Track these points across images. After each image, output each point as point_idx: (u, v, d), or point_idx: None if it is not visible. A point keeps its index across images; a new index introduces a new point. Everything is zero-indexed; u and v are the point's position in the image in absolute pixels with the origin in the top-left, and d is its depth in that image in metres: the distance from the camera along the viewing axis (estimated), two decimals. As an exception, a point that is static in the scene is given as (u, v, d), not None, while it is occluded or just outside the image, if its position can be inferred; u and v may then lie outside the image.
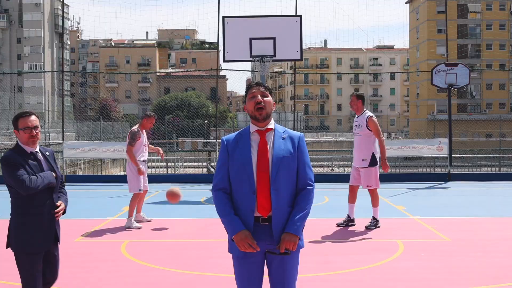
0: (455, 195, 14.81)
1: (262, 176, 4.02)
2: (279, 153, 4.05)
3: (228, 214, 4.04)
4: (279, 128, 4.20)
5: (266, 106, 4.12)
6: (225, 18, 14.97)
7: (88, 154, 18.09)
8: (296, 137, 4.17)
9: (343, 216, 10.33)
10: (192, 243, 8.92)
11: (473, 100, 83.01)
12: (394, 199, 13.61)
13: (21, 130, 4.78)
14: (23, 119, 4.79)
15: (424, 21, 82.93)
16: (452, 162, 18.00)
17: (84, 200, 14.14)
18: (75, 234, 9.56)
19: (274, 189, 4.01)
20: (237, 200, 4.09)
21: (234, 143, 4.15)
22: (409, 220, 10.89)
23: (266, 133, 4.13)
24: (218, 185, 4.15)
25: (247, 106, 4.20)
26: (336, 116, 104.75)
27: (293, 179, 4.09)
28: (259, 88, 4.19)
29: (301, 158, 4.13)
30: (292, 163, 4.08)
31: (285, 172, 4.04)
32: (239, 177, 4.07)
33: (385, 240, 8.99)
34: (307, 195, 4.09)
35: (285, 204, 4.05)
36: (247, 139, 4.13)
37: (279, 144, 4.09)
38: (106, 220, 10.92)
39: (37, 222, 4.78)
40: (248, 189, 4.03)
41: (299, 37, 14.88)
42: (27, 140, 4.78)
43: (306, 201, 4.07)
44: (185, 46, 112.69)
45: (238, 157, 4.08)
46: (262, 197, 4.02)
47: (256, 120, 4.13)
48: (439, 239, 9.06)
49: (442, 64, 17.73)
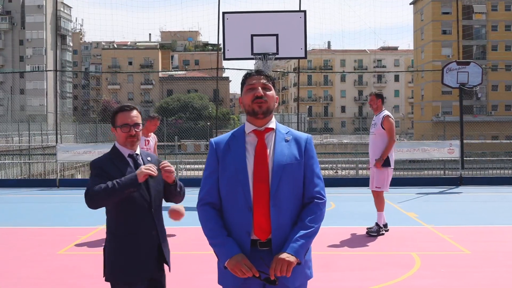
0: (469, 201, 13.98)
1: (260, 189, 3.18)
2: (281, 159, 3.22)
3: (219, 236, 3.20)
4: (281, 128, 3.36)
5: (268, 100, 3.28)
6: (225, 14, 14.22)
7: (82, 157, 17.27)
8: (303, 140, 3.33)
9: (352, 223, 9.57)
10: (190, 256, 8.05)
11: (479, 102, 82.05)
12: (404, 205, 12.78)
13: (118, 127, 3.94)
14: (122, 115, 3.94)
15: (428, 22, 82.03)
16: (464, 165, 17.15)
17: (75, 205, 13.32)
18: (60, 244, 8.75)
19: (274, 205, 3.17)
20: (229, 219, 3.26)
21: (226, 147, 3.31)
22: (423, 229, 10.06)
23: (265, 134, 3.29)
24: (205, 199, 3.31)
25: (243, 99, 3.35)
26: (340, 118, 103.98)
27: (299, 191, 3.26)
28: (260, 78, 3.33)
29: (308, 166, 3.29)
30: (297, 172, 3.24)
31: (289, 183, 3.21)
32: (231, 189, 3.23)
33: (399, 252, 8.17)
34: (314, 209, 3.24)
35: (288, 224, 3.21)
36: (242, 141, 3.30)
37: (281, 147, 3.26)
38: (96, 229, 10.10)
39: (133, 244, 3.82)
40: (243, 205, 3.19)
41: (303, 33, 14.15)
42: (125, 140, 3.93)
43: (313, 217, 3.22)
44: (188, 48, 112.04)
45: (230, 164, 3.25)
46: (259, 215, 3.18)
47: (253, 116, 3.28)
48: (458, 251, 8.24)
49: (454, 62, 16.91)
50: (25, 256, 8.03)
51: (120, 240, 3.81)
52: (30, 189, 16.51)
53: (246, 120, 3.38)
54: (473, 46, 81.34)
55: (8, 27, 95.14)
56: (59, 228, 10.42)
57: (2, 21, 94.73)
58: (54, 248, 8.51)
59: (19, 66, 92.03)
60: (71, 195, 15.38)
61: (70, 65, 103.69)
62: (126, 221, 3.80)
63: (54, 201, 14.44)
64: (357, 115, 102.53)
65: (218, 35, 17.34)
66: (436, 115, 79.14)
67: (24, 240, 9.32)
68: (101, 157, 3.95)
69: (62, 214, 12.25)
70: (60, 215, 12.11)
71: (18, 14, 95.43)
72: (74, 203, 13.84)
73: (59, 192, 16.04)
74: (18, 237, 9.69)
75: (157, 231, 3.85)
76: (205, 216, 3.28)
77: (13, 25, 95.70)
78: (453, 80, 16.76)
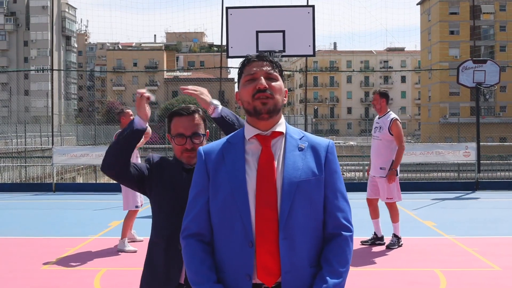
0: (489, 207, 13.09)
1: (264, 216, 2.31)
2: (294, 174, 2.36)
3: (204, 282, 2.34)
4: (293, 132, 2.50)
5: (274, 95, 2.42)
6: (228, 9, 13.40)
7: (80, 160, 16.45)
8: (323, 147, 2.47)
9: (364, 234, 8.74)
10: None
11: (486, 103, 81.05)
12: (420, 212, 11.91)
13: (173, 137, 3.11)
14: (178, 120, 3.11)
15: (436, 23, 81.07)
16: (480, 169, 16.26)
17: (68, 213, 12.52)
18: (45, 258, 7.92)
19: (285, 238, 2.30)
20: (223, 256, 2.38)
21: (218, 158, 2.44)
22: (444, 240, 9.19)
23: (272, 140, 2.43)
24: (190, 229, 2.44)
25: (240, 94, 2.48)
26: (346, 119, 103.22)
27: (318, 218, 2.40)
28: (262, 64, 2.45)
29: (330, 183, 2.43)
30: (315, 192, 2.39)
31: (304, 207, 2.36)
32: (226, 216, 2.37)
33: (421, 269, 7.31)
34: (343, 245, 2.39)
35: (305, 265, 2.35)
36: (240, 150, 2.43)
37: (294, 158, 2.40)
38: (87, 240, 9.29)
39: (158, 254, 3.04)
40: (242, 238, 2.33)
41: (311, 30, 13.30)
42: (180, 154, 3.10)
43: (343, 257, 2.37)
44: (193, 49, 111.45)
45: (224, 181, 2.38)
46: (264, 253, 2.31)
47: (255, 117, 2.42)
48: (487, 267, 7.38)
49: (469, 61, 16.04)
50: (3, 272, 7.19)
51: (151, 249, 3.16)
52: (24, 194, 15.71)
53: (245, 121, 2.51)
54: (481, 46, 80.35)
55: (13, 28, 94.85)
56: (47, 239, 9.57)
57: (7, 22, 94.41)
58: (38, 262, 7.69)
59: (23, 67, 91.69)
60: (66, 200, 14.58)
61: (75, 66, 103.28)
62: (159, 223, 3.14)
63: (47, 207, 13.62)
64: (364, 116, 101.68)
65: (221, 34, 16.54)
66: (444, 116, 78.22)
67: (5, 252, 8.48)
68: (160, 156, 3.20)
69: (53, 222, 11.41)
70: (51, 223, 11.27)
71: (22, 15, 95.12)
72: (68, 209, 13.04)
73: (54, 197, 15.22)
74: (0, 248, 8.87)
75: None
76: (188, 253, 2.41)
77: (18, 26, 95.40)
78: (469, 79, 15.88)
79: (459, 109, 76.80)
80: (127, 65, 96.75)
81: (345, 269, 2.36)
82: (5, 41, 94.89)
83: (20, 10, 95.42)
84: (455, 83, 16.69)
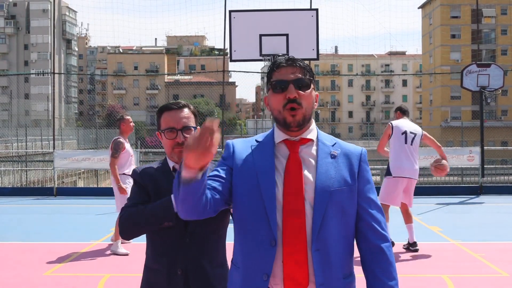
0: (493, 212, 12.99)
1: (292, 224, 2.22)
2: (327, 182, 2.27)
3: None
4: (326, 138, 2.41)
5: (304, 105, 2.30)
6: (231, 13, 13.30)
7: (81, 164, 16.35)
8: (356, 155, 2.38)
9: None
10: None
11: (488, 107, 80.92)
12: (425, 217, 11.82)
13: (163, 131, 2.88)
14: (168, 115, 2.87)
15: (437, 26, 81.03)
16: (484, 173, 16.16)
17: (70, 217, 12.44)
18: (47, 264, 7.82)
19: (317, 249, 2.22)
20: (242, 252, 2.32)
21: (247, 155, 2.35)
22: (450, 246, 9.09)
23: (300, 146, 2.34)
24: None
25: (269, 100, 2.37)
26: (347, 123, 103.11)
27: (350, 228, 2.33)
28: (293, 69, 2.32)
29: (364, 193, 2.35)
30: (348, 202, 2.31)
31: (337, 216, 2.28)
32: (250, 215, 2.28)
33: (428, 275, 7.21)
34: (390, 259, 2.34)
35: (339, 275, 2.28)
36: (270, 152, 2.34)
37: (326, 166, 2.31)
38: (89, 244, 9.21)
39: (155, 281, 2.85)
40: (264, 237, 2.24)
41: (314, 33, 13.23)
42: (170, 150, 2.86)
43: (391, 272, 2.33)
44: (194, 52, 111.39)
45: (252, 181, 2.29)
46: (292, 262, 2.21)
47: (285, 128, 2.33)
48: (494, 273, 7.27)
49: (473, 64, 15.97)
50: (5, 278, 7.10)
51: (147, 275, 2.95)
52: (25, 198, 15.62)
53: (275, 125, 2.41)
54: (482, 50, 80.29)
55: (13, 31, 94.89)
56: (49, 244, 9.48)
57: (7, 25, 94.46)
58: (40, 267, 7.60)
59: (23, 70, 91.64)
60: (68, 205, 14.49)
61: (75, 70, 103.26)
62: (155, 249, 2.87)
63: (49, 212, 13.52)
64: (365, 120, 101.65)
65: (224, 38, 16.51)
66: (445, 120, 78.16)
67: (8, 258, 8.39)
68: (149, 165, 2.92)
69: (55, 227, 11.32)
70: (53, 228, 11.18)
71: (23, 18, 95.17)
72: (70, 214, 12.96)
73: (56, 201, 15.13)
74: (1, 253, 8.76)
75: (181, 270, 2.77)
76: None
77: (18, 30, 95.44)
78: (473, 83, 15.82)
79: (461, 113, 76.70)
80: (128, 69, 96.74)
81: (395, 275, 2.34)
82: (5, 44, 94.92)
83: (20, 13, 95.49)
84: (457, 87, 16.73)
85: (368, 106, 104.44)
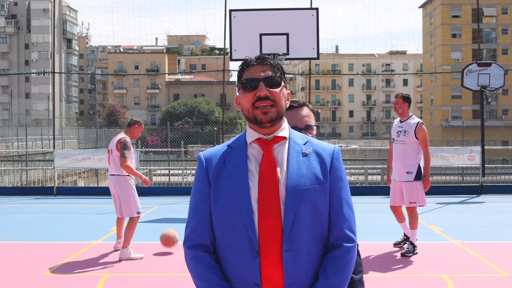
0: (494, 212, 12.97)
1: (268, 225, 2.23)
2: (299, 181, 2.27)
3: (217, 285, 2.26)
4: (297, 136, 2.40)
5: (276, 103, 2.30)
6: (232, 12, 13.29)
7: (81, 164, 16.35)
8: (328, 153, 2.37)
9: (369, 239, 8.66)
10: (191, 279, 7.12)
11: (488, 106, 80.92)
12: (425, 216, 11.79)
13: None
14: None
15: (438, 26, 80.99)
16: (484, 172, 16.14)
17: (71, 217, 12.43)
18: (46, 263, 7.81)
19: (289, 250, 2.22)
20: (228, 264, 2.30)
21: (220, 163, 2.35)
22: (450, 245, 9.07)
23: (274, 144, 2.34)
24: (192, 239, 2.35)
25: (240, 99, 2.37)
26: (348, 123, 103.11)
27: (323, 228, 2.31)
28: (263, 68, 2.32)
29: (336, 191, 2.34)
30: (321, 200, 2.29)
31: (309, 216, 2.27)
32: (229, 224, 2.28)
33: (429, 275, 7.19)
34: (342, 257, 2.29)
35: (310, 275, 2.27)
36: (242, 155, 2.34)
37: (298, 164, 2.31)
38: (89, 244, 9.19)
39: None
40: (246, 247, 2.24)
41: (315, 32, 13.20)
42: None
43: (340, 268, 2.28)
44: (194, 52, 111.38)
45: (226, 187, 2.29)
46: (269, 263, 2.22)
47: (256, 125, 2.33)
48: (495, 273, 7.26)
49: (474, 64, 15.95)
50: (4, 278, 7.08)
51: None
52: (25, 198, 15.61)
53: (247, 125, 2.40)
54: (483, 50, 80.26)
55: (14, 30, 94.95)
56: (49, 243, 9.47)
57: (8, 25, 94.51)
58: (39, 268, 7.58)
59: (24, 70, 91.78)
60: (68, 204, 14.49)
61: (76, 69, 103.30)
62: None
63: (49, 211, 13.52)
64: (365, 119, 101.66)
65: (224, 37, 16.48)
66: (446, 119, 78.13)
67: (6, 258, 8.37)
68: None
69: (55, 226, 11.31)
70: (53, 227, 11.16)
71: (23, 17, 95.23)
72: (70, 214, 12.95)
73: (56, 201, 15.13)
74: (1, 253, 8.74)
75: None
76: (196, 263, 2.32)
77: (19, 29, 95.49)
78: (474, 82, 15.80)
79: (461, 112, 76.65)
80: (128, 68, 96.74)
81: (340, 277, 2.27)
82: (6, 43, 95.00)
83: (21, 13, 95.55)
84: (457, 86, 16.71)
85: (369, 106, 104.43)
